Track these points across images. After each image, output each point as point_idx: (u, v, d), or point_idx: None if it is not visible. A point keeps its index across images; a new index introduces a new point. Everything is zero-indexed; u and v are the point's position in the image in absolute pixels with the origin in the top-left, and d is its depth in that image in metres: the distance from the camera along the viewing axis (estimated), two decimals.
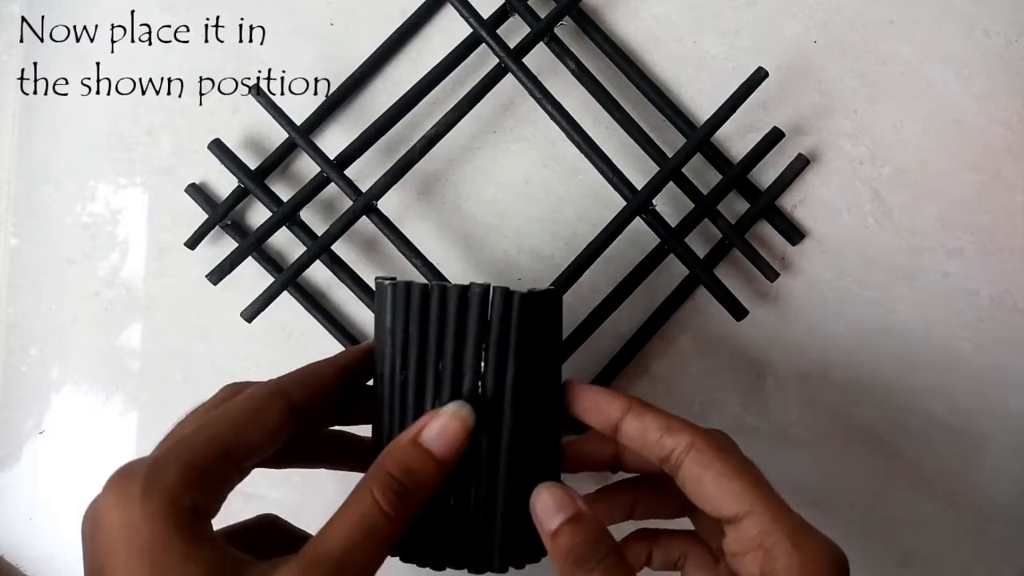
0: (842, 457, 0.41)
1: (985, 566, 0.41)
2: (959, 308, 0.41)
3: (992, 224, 0.41)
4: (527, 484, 0.29)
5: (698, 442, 0.27)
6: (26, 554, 0.42)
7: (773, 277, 0.39)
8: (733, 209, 0.41)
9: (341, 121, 0.42)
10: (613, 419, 0.29)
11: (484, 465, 0.29)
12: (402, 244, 0.39)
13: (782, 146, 0.40)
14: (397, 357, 0.29)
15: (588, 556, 0.26)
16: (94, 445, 0.42)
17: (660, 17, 0.42)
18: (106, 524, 0.25)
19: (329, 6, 0.42)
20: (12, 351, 0.43)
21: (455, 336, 0.28)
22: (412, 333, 0.29)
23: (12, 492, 0.42)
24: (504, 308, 0.28)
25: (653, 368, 0.41)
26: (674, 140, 0.41)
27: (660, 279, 0.40)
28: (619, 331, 0.40)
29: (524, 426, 0.29)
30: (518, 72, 0.39)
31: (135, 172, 0.43)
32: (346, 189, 0.39)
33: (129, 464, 0.25)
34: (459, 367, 0.28)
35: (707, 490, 0.27)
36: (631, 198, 0.38)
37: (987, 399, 0.41)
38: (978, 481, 0.41)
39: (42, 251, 0.43)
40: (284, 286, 0.39)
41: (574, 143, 0.39)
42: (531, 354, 0.29)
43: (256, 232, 0.39)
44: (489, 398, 0.28)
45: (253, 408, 0.27)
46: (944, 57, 0.41)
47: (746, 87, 0.38)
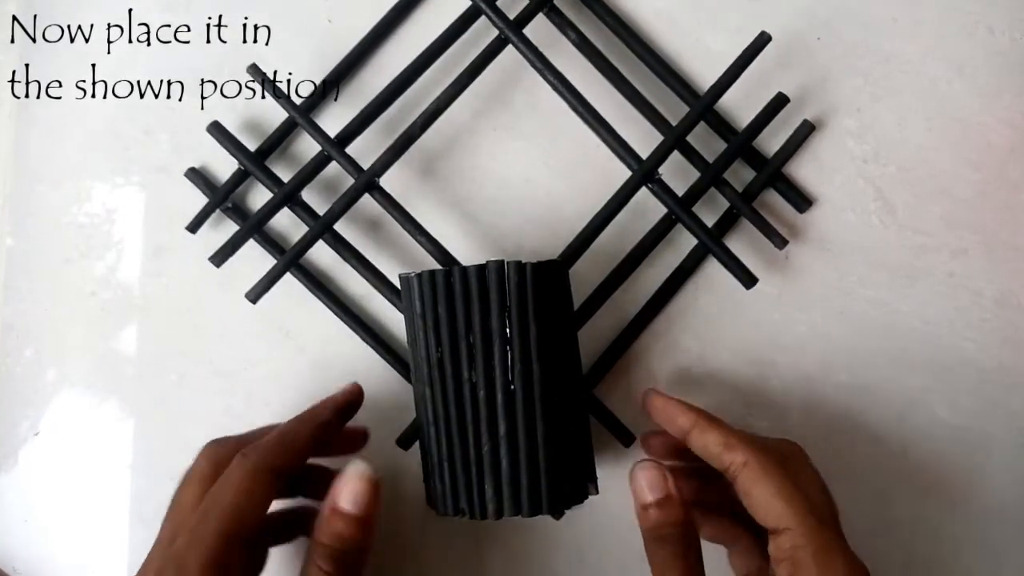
0: (845, 458, 0.40)
1: (989, 567, 0.40)
2: (963, 308, 0.41)
3: (996, 223, 0.41)
4: (562, 430, 0.33)
5: (751, 461, 0.32)
6: (21, 556, 0.42)
7: (782, 245, 0.39)
8: (740, 180, 0.41)
9: (341, 102, 0.42)
10: (683, 430, 0.34)
11: (522, 416, 0.32)
12: (406, 221, 0.38)
13: (788, 116, 0.40)
14: (431, 337, 0.33)
15: (667, 536, 0.32)
16: (90, 447, 0.42)
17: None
18: None
19: (327, 2, 0.42)
20: (7, 352, 0.42)
21: (480, 310, 0.32)
22: (441, 314, 0.33)
23: (7, 495, 0.42)
24: (519, 277, 0.32)
25: (654, 367, 0.41)
26: (678, 111, 0.40)
27: (668, 258, 0.41)
28: (634, 300, 0.40)
29: (552, 378, 0.33)
30: (519, 43, 0.38)
31: (131, 171, 0.42)
32: (347, 167, 0.38)
33: (159, 569, 0.29)
34: (488, 336, 0.32)
35: (755, 504, 0.31)
36: (636, 168, 0.38)
37: (991, 400, 0.40)
38: (982, 482, 0.40)
39: (38, 251, 0.42)
40: (288, 266, 0.38)
41: (577, 114, 0.38)
42: (548, 315, 0.33)
43: (258, 213, 0.39)
44: (518, 358, 0.32)
45: (245, 492, 0.30)
46: (947, 55, 0.41)
47: (749, 52, 0.38)
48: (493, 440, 0.32)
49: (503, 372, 0.33)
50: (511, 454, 0.32)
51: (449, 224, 0.41)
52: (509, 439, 0.33)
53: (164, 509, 0.41)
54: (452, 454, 0.33)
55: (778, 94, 0.40)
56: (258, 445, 0.32)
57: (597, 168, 0.41)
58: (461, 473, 0.33)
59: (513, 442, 0.33)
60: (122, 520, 0.41)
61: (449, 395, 0.33)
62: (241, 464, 0.31)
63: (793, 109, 0.40)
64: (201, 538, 0.29)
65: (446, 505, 0.33)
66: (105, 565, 0.41)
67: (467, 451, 0.33)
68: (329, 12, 0.42)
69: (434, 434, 0.34)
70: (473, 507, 0.33)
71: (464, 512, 0.33)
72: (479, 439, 0.33)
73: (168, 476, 0.41)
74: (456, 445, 0.33)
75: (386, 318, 0.41)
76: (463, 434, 0.33)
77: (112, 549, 0.41)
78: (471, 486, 0.33)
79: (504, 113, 0.42)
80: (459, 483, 0.33)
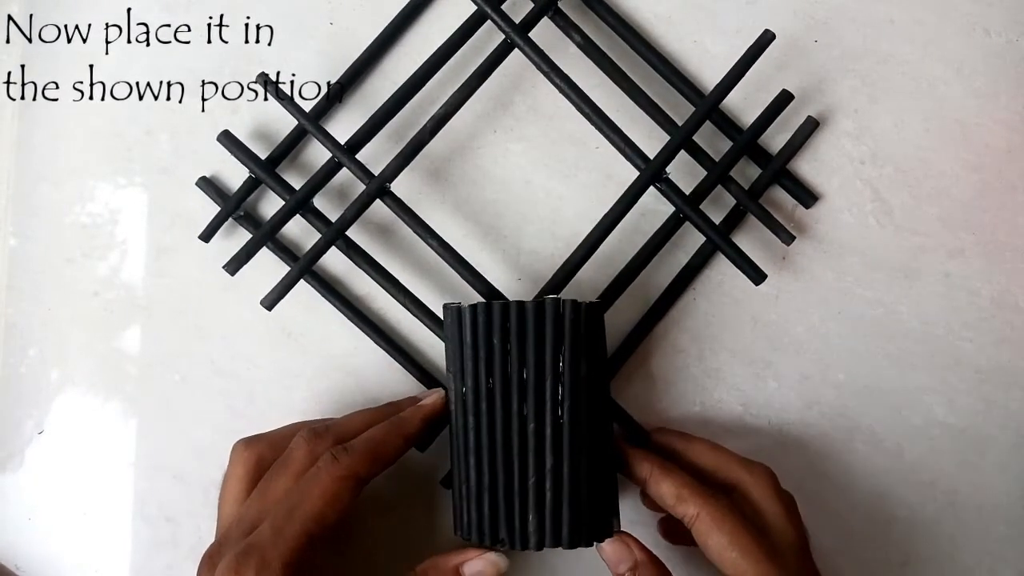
0: (843, 457, 0.40)
1: (986, 567, 0.41)
2: (960, 308, 0.41)
3: (993, 224, 0.41)
4: (600, 465, 0.34)
5: (702, 513, 0.33)
6: (25, 555, 0.42)
7: (789, 240, 0.39)
8: (746, 178, 0.41)
9: (349, 108, 0.42)
10: (640, 480, 0.35)
11: (567, 450, 0.33)
12: (418, 226, 0.38)
13: (789, 116, 0.40)
14: (481, 368, 0.34)
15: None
16: (93, 446, 0.42)
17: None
18: None
19: (329, 4, 0.42)
20: (11, 352, 0.42)
21: (535, 344, 0.33)
22: (496, 346, 0.34)
23: (12, 493, 0.42)
24: (575, 315, 0.33)
25: (653, 368, 0.41)
26: (683, 112, 0.40)
27: (673, 259, 0.41)
28: (642, 301, 0.41)
29: (596, 414, 0.34)
30: (524, 47, 0.38)
31: (134, 172, 0.42)
32: (358, 173, 0.39)
33: (239, 554, 0.30)
34: (541, 370, 0.33)
35: (712, 554, 0.33)
36: (644, 168, 0.38)
37: (988, 399, 0.41)
38: (979, 482, 0.40)
39: (41, 251, 0.43)
40: (302, 273, 0.39)
41: (584, 115, 0.38)
42: (595, 352, 0.34)
43: (271, 220, 0.39)
44: (568, 394, 0.33)
45: (332, 496, 0.31)
46: (945, 56, 0.41)
47: (753, 50, 0.38)
48: (539, 472, 0.33)
49: (553, 407, 0.33)
50: (555, 487, 0.33)
51: (457, 226, 0.42)
52: (555, 472, 0.33)
53: (167, 508, 0.41)
54: (495, 484, 0.33)
55: (783, 91, 0.40)
56: (351, 449, 0.33)
57: (597, 169, 0.41)
58: (503, 503, 0.33)
59: (558, 475, 0.33)
60: (125, 519, 0.41)
61: (496, 426, 0.33)
62: (331, 468, 0.32)
63: (792, 111, 0.41)
64: (285, 536, 0.30)
65: (483, 534, 0.34)
66: (108, 563, 0.41)
67: (511, 482, 0.33)
68: (331, 14, 0.42)
69: (475, 463, 0.34)
70: (514, 538, 0.33)
71: (504, 543, 0.33)
72: (525, 471, 0.33)
73: (171, 475, 0.41)
74: (500, 475, 0.33)
75: (399, 324, 0.41)
76: (508, 465, 0.33)
77: (115, 547, 0.41)
78: (512, 517, 0.33)
79: (506, 116, 0.42)
80: (499, 513, 0.33)
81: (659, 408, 0.41)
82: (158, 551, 0.41)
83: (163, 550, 0.41)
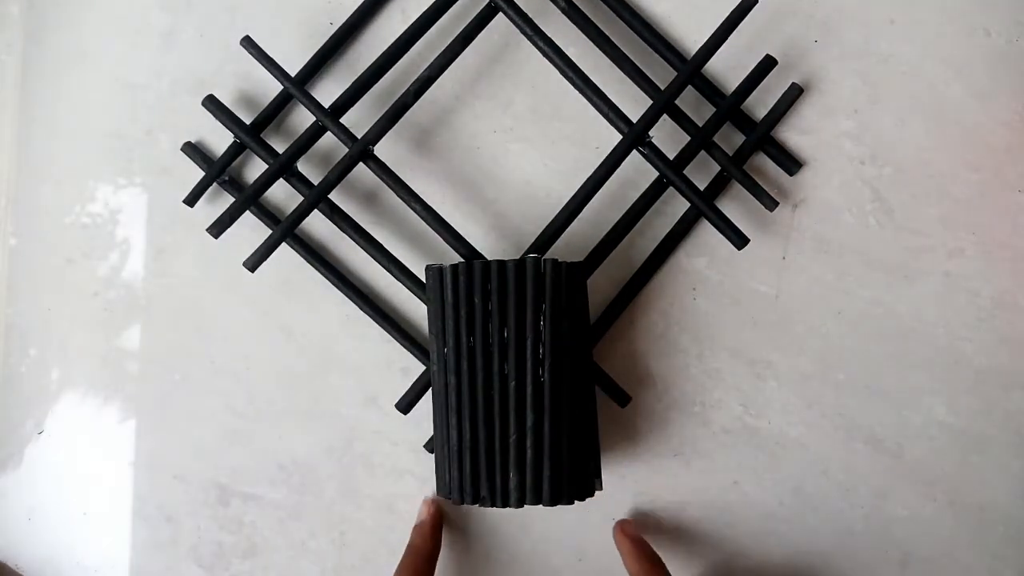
0: (843, 457, 0.40)
1: (986, 567, 0.40)
2: (960, 308, 0.41)
3: (993, 224, 0.41)
4: (582, 425, 0.34)
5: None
6: (25, 554, 0.42)
7: (772, 206, 0.39)
8: (730, 145, 0.41)
9: (334, 76, 0.42)
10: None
11: (548, 409, 0.33)
12: (401, 190, 0.38)
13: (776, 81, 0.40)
14: (463, 328, 0.34)
15: None
16: (93, 445, 0.42)
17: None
18: None
19: (329, 4, 0.42)
20: (11, 352, 0.42)
21: (516, 303, 0.33)
22: (477, 305, 0.33)
23: (12, 492, 0.42)
24: (555, 274, 0.33)
25: (653, 368, 0.41)
26: (667, 77, 0.40)
27: (658, 226, 0.41)
28: (628, 263, 0.41)
29: (577, 373, 0.34)
30: (508, 10, 0.39)
31: (134, 172, 0.43)
32: (341, 136, 0.39)
33: None
34: (522, 329, 0.33)
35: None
36: (627, 131, 0.38)
37: (988, 399, 0.41)
38: (979, 481, 0.40)
39: (41, 251, 0.43)
40: (286, 234, 0.38)
41: (568, 79, 0.38)
42: (577, 312, 0.34)
43: (254, 183, 0.39)
44: (549, 352, 0.33)
45: None
46: (945, 57, 0.41)
47: (736, 14, 0.38)
48: (520, 430, 0.33)
49: (534, 365, 0.33)
50: (536, 445, 0.33)
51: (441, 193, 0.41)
52: (535, 430, 0.33)
53: (167, 508, 0.41)
54: (476, 443, 0.33)
55: (766, 56, 0.40)
56: None
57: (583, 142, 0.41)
58: (484, 462, 0.33)
59: (539, 433, 0.33)
60: (124, 517, 0.41)
61: (478, 385, 0.34)
62: None
63: (792, 108, 0.41)
64: None
65: (464, 493, 0.34)
66: (107, 562, 0.41)
67: (492, 440, 0.33)
68: (331, 15, 0.42)
69: (456, 422, 0.34)
70: (495, 495, 0.33)
71: (485, 500, 0.33)
72: (506, 429, 0.33)
73: (170, 474, 0.41)
74: (481, 434, 0.33)
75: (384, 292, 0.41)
76: (489, 423, 0.33)
77: (114, 546, 0.41)
78: (494, 475, 0.33)
79: (505, 116, 0.42)
80: (481, 472, 0.33)
81: (659, 408, 0.41)
82: (158, 551, 0.41)
83: (163, 550, 0.41)
